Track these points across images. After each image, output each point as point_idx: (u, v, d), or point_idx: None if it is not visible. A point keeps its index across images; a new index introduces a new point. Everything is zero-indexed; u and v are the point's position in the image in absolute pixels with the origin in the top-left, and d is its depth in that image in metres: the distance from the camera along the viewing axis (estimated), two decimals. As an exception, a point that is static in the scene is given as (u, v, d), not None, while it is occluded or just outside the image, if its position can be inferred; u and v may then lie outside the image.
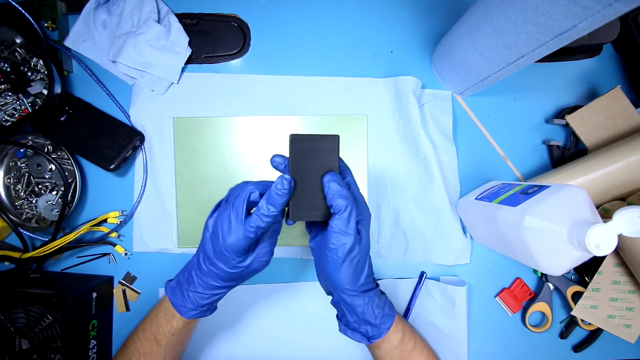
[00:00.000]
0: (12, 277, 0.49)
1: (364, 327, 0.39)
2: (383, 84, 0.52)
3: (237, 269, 0.37)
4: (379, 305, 0.38)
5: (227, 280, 0.39)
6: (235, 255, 0.36)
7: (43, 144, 0.51)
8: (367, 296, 0.38)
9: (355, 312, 0.38)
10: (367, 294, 0.38)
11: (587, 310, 0.50)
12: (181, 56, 0.51)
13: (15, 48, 0.48)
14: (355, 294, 0.37)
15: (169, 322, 0.41)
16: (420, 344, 0.42)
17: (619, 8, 0.28)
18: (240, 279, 0.39)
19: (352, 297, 0.37)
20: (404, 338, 0.40)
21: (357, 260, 0.36)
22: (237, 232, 0.35)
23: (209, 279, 0.39)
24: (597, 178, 0.46)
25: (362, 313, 0.38)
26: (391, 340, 0.40)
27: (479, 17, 0.39)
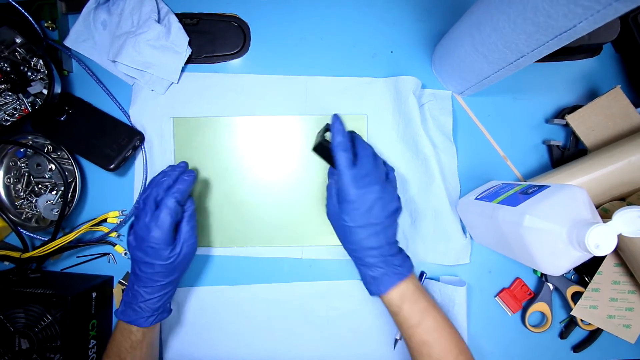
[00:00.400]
0: (11, 276, 0.50)
1: (365, 276, 0.42)
2: (383, 83, 0.52)
3: (171, 259, 0.42)
4: (381, 271, 0.41)
5: (167, 274, 0.43)
6: (165, 245, 0.41)
7: (43, 144, 0.51)
8: (370, 250, 0.41)
9: (357, 263, 0.43)
10: (369, 251, 0.41)
11: (587, 310, 0.50)
12: (181, 56, 0.51)
13: (15, 48, 0.48)
14: (370, 259, 0.41)
15: (127, 338, 0.44)
16: (428, 324, 0.40)
17: (619, 8, 0.28)
18: (178, 268, 0.44)
19: (357, 247, 0.41)
20: (402, 311, 0.40)
21: (355, 204, 0.40)
22: (156, 225, 0.41)
23: (152, 281, 0.43)
24: (597, 178, 0.46)
25: (361, 267, 0.42)
26: (389, 304, 0.41)
27: (479, 17, 0.39)
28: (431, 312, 0.41)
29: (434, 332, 0.40)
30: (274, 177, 0.53)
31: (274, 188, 0.53)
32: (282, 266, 0.53)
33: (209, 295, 0.53)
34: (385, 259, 0.41)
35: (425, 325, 0.40)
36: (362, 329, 0.53)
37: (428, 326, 0.40)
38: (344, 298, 0.53)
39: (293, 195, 0.53)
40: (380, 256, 0.41)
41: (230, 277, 0.53)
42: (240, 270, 0.53)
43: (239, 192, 0.53)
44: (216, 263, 0.53)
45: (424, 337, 0.40)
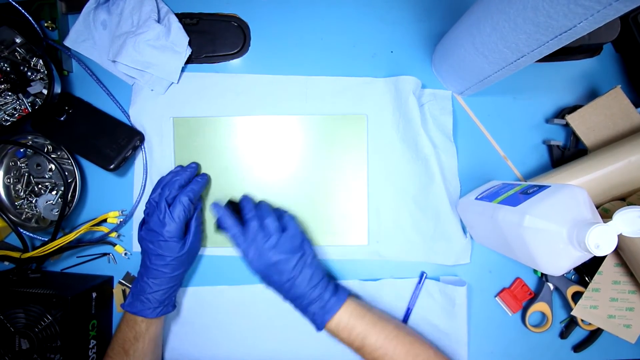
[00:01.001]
0: (12, 277, 0.50)
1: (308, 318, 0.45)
2: (383, 83, 0.52)
3: (182, 252, 0.45)
4: (308, 307, 0.44)
5: (177, 267, 0.45)
6: (177, 239, 0.45)
7: (43, 144, 0.51)
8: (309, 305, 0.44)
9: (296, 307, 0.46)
10: (310, 304, 0.44)
11: (587, 310, 0.50)
12: (181, 56, 0.51)
13: (15, 48, 0.48)
14: (301, 303, 0.45)
15: (132, 328, 0.46)
16: (370, 343, 0.43)
17: (619, 8, 0.28)
18: (186, 262, 0.47)
19: (289, 296, 0.45)
20: (343, 339, 0.44)
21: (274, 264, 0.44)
22: (172, 219, 0.44)
23: (162, 273, 0.45)
24: (597, 178, 0.46)
25: (301, 309, 0.45)
26: (332, 334, 0.45)
27: (478, 16, 0.39)
28: (372, 332, 0.43)
29: (380, 349, 0.43)
30: (273, 177, 0.53)
31: (273, 188, 0.53)
32: (282, 266, 0.53)
33: (209, 295, 0.53)
34: (311, 304, 0.44)
35: (368, 346, 0.43)
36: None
37: (371, 346, 0.43)
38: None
39: (293, 195, 0.53)
40: (306, 303, 0.44)
41: (230, 277, 0.53)
42: (240, 270, 0.53)
43: (239, 192, 0.53)
44: (216, 263, 0.53)
45: (371, 355, 0.43)
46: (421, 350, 0.43)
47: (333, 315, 0.44)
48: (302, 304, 0.44)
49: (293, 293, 0.44)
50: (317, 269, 0.45)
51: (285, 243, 0.44)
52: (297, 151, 0.53)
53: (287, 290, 0.44)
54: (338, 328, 0.44)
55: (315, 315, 0.44)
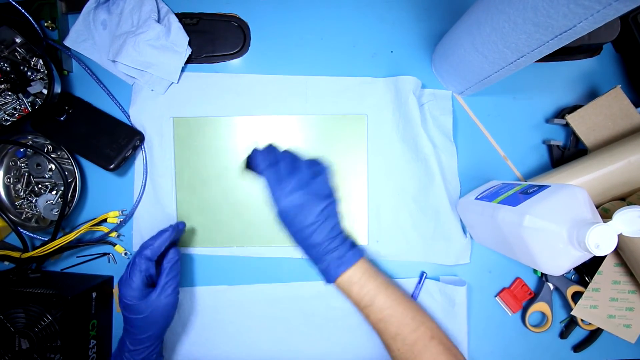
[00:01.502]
0: (11, 276, 0.50)
1: (316, 269, 0.45)
2: (383, 83, 0.52)
3: (144, 313, 0.43)
4: (323, 257, 0.44)
5: (145, 328, 0.44)
6: (137, 301, 0.43)
7: (43, 144, 0.51)
8: (323, 255, 0.44)
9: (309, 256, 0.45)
10: (324, 255, 0.44)
11: (587, 310, 0.50)
12: (181, 56, 0.51)
13: (15, 47, 0.48)
14: (316, 253, 0.44)
15: None
16: (379, 303, 0.43)
17: (619, 8, 0.28)
18: (155, 323, 0.44)
19: (304, 242, 0.44)
20: (352, 294, 0.44)
21: (304, 221, 0.43)
22: (127, 283, 0.43)
23: (132, 334, 0.44)
24: (597, 178, 0.46)
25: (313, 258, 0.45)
26: (341, 289, 0.45)
27: (478, 16, 0.39)
28: (382, 292, 0.43)
29: (387, 310, 0.43)
30: (274, 177, 0.53)
31: (274, 188, 0.53)
32: (282, 266, 0.53)
33: (209, 295, 0.53)
34: (327, 253, 0.43)
35: (376, 305, 0.43)
36: (362, 328, 0.53)
37: (379, 306, 0.43)
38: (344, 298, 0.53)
39: (293, 195, 0.53)
40: (323, 252, 0.43)
41: (230, 277, 0.53)
42: (240, 270, 0.53)
43: (239, 192, 0.53)
44: (216, 263, 0.53)
45: (378, 315, 0.43)
46: (426, 319, 0.43)
47: (348, 268, 0.43)
48: (319, 252, 0.43)
49: (313, 240, 0.43)
50: (339, 222, 0.45)
51: (316, 186, 0.43)
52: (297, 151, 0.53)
53: (308, 236, 0.43)
54: (350, 282, 0.43)
55: (330, 266, 0.43)
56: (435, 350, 0.42)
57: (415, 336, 0.42)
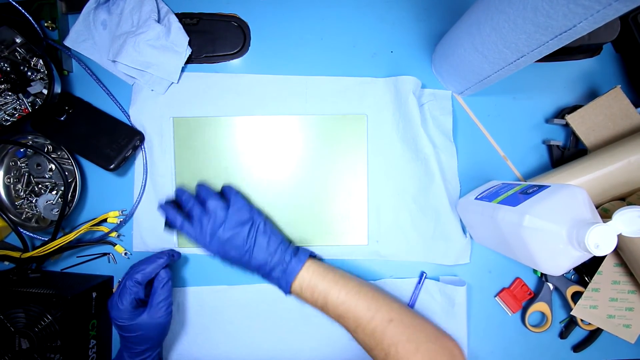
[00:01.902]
0: (12, 276, 0.50)
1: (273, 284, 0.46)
2: (383, 83, 0.52)
3: (137, 332, 0.44)
4: (271, 274, 0.45)
5: (140, 343, 0.45)
6: (128, 321, 0.44)
7: (43, 144, 0.51)
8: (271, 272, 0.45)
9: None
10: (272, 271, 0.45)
11: (587, 310, 0.50)
12: (181, 56, 0.51)
13: (15, 48, 0.48)
14: (263, 272, 0.46)
15: None
16: (332, 301, 0.44)
17: (619, 8, 0.28)
18: (150, 338, 0.45)
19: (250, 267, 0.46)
20: (306, 299, 0.45)
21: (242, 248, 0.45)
22: (117, 305, 0.44)
23: (128, 348, 0.45)
24: (597, 178, 0.46)
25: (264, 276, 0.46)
26: (297, 296, 0.46)
27: (478, 16, 0.39)
28: (333, 289, 0.44)
29: (341, 305, 0.43)
30: (273, 177, 0.53)
31: (273, 188, 0.53)
32: (282, 266, 0.53)
33: (209, 295, 0.53)
34: (273, 270, 0.45)
35: (330, 304, 0.44)
36: (362, 328, 0.53)
37: (333, 303, 0.44)
38: None
39: (293, 195, 0.53)
40: (269, 270, 0.45)
41: (230, 277, 0.53)
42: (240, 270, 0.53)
43: (239, 192, 0.53)
44: (216, 263, 0.53)
45: (334, 313, 0.44)
46: (382, 304, 0.44)
47: (295, 276, 0.44)
48: (265, 271, 0.45)
49: (254, 264, 0.45)
50: (273, 235, 0.46)
51: (231, 218, 0.45)
52: (297, 151, 0.53)
53: (247, 262, 0.45)
54: (301, 288, 0.44)
55: (280, 280, 0.44)
56: (394, 331, 0.42)
57: (373, 324, 0.42)
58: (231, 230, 0.44)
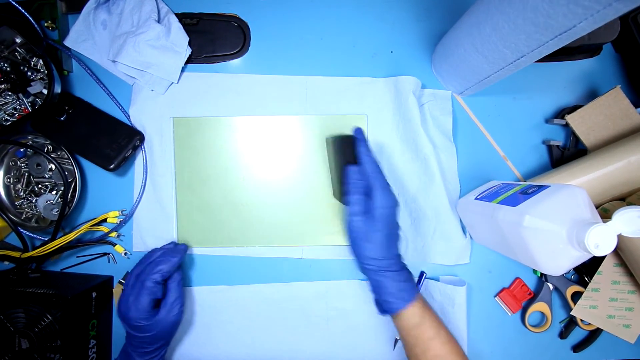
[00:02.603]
0: (12, 276, 0.50)
1: (379, 298, 0.42)
2: (383, 83, 0.52)
3: (152, 332, 0.44)
4: (394, 285, 0.41)
5: (153, 342, 0.45)
6: (145, 321, 0.44)
7: (43, 144, 0.51)
8: (382, 274, 0.41)
9: (371, 284, 0.43)
10: (382, 272, 0.41)
11: (587, 310, 0.50)
12: (181, 56, 0.51)
13: (15, 48, 0.48)
14: (370, 267, 0.41)
15: None
16: (443, 336, 0.41)
17: (619, 8, 0.28)
18: (163, 337, 0.46)
19: (367, 270, 0.42)
20: (422, 325, 0.41)
21: (366, 236, 0.41)
22: (135, 306, 0.44)
23: (140, 347, 0.45)
24: (596, 178, 0.46)
25: (376, 287, 0.42)
26: (407, 320, 0.41)
27: (478, 17, 0.39)
28: (442, 325, 0.42)
29: (447, 344, 0.41)
30: (273, 177, 0.53)
31: (273, 188, 0.53)
32: (282, 266, 0.53)
33: (209, 295, 0.53)
34: (403, 268, 0.43)
35: (440, 337, 0.41)
36: (362, 328, 0.53)
37: (443, 337, 0.41)
38: (344, 298, 0.53)
39: (293, 195, 0.53)
40: (399, 263, 0.42)
41: (230, 277, 0.53)
42: (240, 270, 0.53)
43: (239, 192, 0.53)
44: (216, 263, 0.53)
45: (438, 350, 0.40)
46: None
47: (409, 304, 0.41)
48: (395, 264, 0.42)
49: (393, 249, 0.42)
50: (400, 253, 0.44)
51: (391, 212, 0.42)
52: (297, 151, 0.53)
53: (389, 243, 0.42)
54: (424, 308, 0.42)
55: (406, 290, 0.41)
56: None
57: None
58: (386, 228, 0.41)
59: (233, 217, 0.53)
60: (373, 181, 0.42)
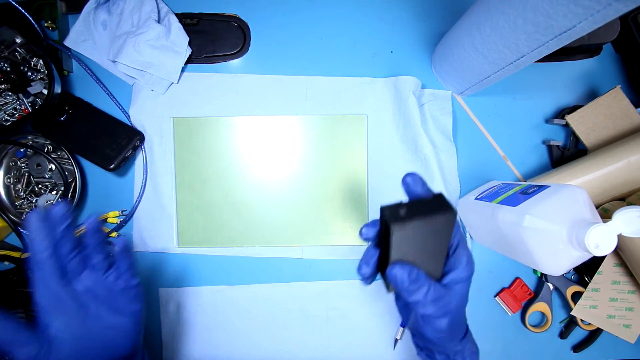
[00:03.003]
0: (12, 276, 0.49)
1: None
2: (383, 83, 0.52)
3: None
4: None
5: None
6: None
7: (43, 144, 0.51)
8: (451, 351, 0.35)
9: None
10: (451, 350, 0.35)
11: (587, 310, 0.50)
12: (181, 56, 0.51)
13: (15, 48, 0.48)
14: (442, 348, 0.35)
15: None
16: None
17: (619, 8, 0.28)
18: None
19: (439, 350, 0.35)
20: None
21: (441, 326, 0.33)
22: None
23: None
24: (597, 178, 0.46)
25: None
26: None
27: (478, 17, 0.39)
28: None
29: None
30: (273, 177, 0.53)
31: (273, 188, 0.53)
32: (282, 266, 0.53)
33: (209, 295, 0.53)
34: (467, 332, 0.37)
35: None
36: (362, 329, 0.53)
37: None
38: (344, 298, 0.53)
39: (293, 195, 0.53)
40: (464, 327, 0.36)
41: (230, 277, 0.53)
42: (240, 270, 0.53)
43: (239, 192, 0.53)
44: (216, 263, 0.53)
45: None
46: None
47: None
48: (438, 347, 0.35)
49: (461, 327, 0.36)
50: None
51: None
52: (297, 151, 0.53)
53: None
54: None
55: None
56: None
57: None
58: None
59: (233, 217, 0.53)
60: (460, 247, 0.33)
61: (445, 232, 0.27)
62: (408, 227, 0.25)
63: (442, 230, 0.27)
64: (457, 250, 0.31)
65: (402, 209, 0.26)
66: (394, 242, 0.26)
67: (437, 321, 0.31)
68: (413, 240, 0.27)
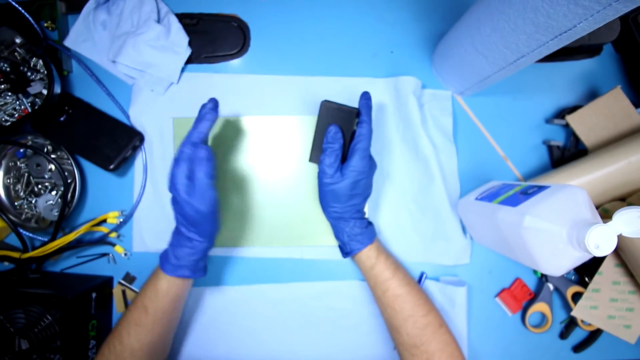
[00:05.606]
0: (11, 277, 0.49)
1: (339, 242, 0.47)
2: (383, 84, 0.52)
3: (191, 203, 0.41)
4: (352, 231, 0.45)
5: (191, 222, 0.42)
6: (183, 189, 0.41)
7: (43, 144, 0.51)
8: (342, 220, 0.45)
9: (333, 229, 0.46)
10: (342, 219, 0.45)
11: (587, 311, 0.50)
12: (181, 56, 0.51)
13: (15, 48, 0.48)
14: (332, 214, 0.45)
15: (154, 284, 0.43)
16: (401, 277, 0.44)
17: (619, 8, 0.28)
18: (203, 216, 0.42)
19: (329, 216, 0.46)
20: (377, 266, 0.44)
21: (332, 191, 0.43)
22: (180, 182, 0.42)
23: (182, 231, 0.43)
24: (597, 178, 0.46)
25: (337, 232, 0.46)
26: (364, 262, 0.45)
27: (479, 17, 0.39)
28: (400, 266, 0.46)
29: (406, 286, 0.44)
30: (273, 177, 0.53)
31: (273, 188, 0.53)
32: (282, 266, 0.53)
33: (209, 295, 0.53)
34: (362, 217, 0.46)
35: (397, 278, 0.44)
36: (362, 329, 0.53)
37: (400, 278, 0.44)
38: (344, 298, 0.53)
39: (293, 195, 0.53)
40: (359, 213, 0.46)
41: (230, 277, 0.53)
42: (240, 270, 0.53)
43: (239, 192, 0.53)
44: (216, 263, 0.53)
45: (397, 290, 0.43)
46: (434, 306, 0.45)
47: (376, 235, 0.46)
48: (358, 212, 0.45)
49: (359, 198, 0.45)
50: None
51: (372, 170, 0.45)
52: (297, 151, 0.53)
53: (360, 192, 0.44)
54: (379, 250, 0.45)
55: (364, 233, 0.45)
56: (443, 338, 0.42)
57: (427, 320, 0.43)
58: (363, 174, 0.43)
59: (233, 217, 0.53)
60: (355, 145, 0.43)
61: (350, 120, 0.44)
62: (331, 105, 0.44)
63: (348, 118, 0.44)
64: (358, 145, 0.42)
65: (332, 103, 0.44)
66: (321, 112, 0.44)
67: (333, 187, 0.43)
68: (332, 115, 0.44)
